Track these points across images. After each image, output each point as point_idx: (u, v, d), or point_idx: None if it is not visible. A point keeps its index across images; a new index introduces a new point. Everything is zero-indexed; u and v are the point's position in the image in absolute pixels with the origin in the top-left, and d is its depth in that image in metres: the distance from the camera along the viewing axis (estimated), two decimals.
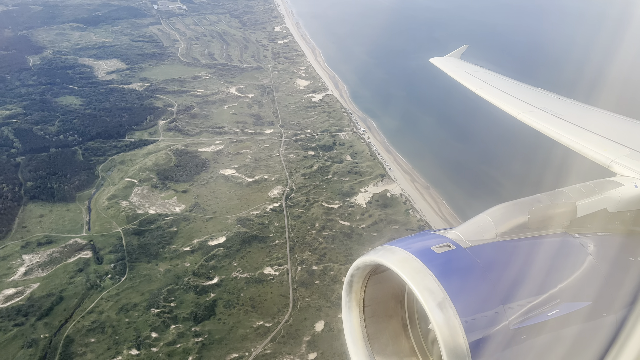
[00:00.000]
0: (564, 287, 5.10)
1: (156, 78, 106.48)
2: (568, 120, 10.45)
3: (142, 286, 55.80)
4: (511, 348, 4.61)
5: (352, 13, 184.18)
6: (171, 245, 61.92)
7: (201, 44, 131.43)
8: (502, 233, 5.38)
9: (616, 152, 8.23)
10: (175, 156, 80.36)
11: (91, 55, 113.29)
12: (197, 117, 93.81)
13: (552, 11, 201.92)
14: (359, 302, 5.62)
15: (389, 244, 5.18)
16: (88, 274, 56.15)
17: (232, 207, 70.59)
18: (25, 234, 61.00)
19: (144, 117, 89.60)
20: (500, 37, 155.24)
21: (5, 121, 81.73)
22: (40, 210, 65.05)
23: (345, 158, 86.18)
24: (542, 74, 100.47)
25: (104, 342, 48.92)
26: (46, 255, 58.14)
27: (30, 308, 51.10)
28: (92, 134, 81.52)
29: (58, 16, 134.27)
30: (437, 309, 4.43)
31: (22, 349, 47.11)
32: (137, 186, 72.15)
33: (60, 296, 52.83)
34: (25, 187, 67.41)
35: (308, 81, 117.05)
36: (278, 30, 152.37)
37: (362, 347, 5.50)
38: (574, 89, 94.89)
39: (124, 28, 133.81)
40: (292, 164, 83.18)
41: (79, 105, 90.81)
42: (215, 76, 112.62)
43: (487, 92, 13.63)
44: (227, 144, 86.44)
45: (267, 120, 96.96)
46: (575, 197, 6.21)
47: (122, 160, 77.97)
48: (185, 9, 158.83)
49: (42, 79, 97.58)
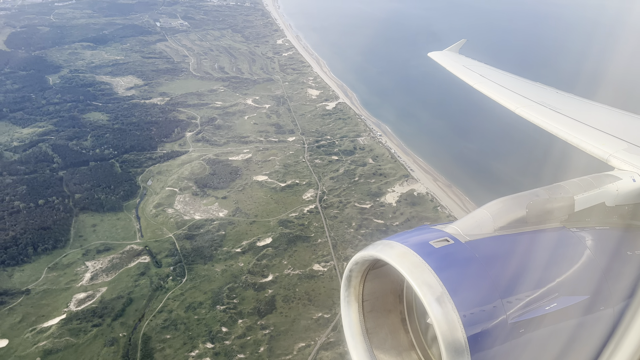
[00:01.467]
0: (562, 281, 5.12)
1: (174, 92, 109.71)
2: (566, 115, 10.43)
3: (203, 286, 58.95)
4: (509, 342, 4.63)
5: (348, 24, 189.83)
6: (223, 248, 65.16)
7: (210, 58, 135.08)
8: (501, 227, 5.40)
9: (614, 146, 8.18)
10: (209, 165, 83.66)
11: (107, 73, 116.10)
12: (221, 128, 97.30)
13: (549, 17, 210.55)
14: (358, 296, 5.60)
15: (387, 239, 5.20)
16: (150, 277, 59.09)
17: (271, 211, 74.09)
18: (83, 243, 63.69)
19: (171, 129, 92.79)
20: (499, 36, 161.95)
21: (40, 138, 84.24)
22: (92, 220, 67.76)
23: (367, 161, 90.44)
24: (541, 71, 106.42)
25: (178, 337, 51.94)
26: (107, 262, 60.92)
27: (104, 310, 53.86)
28: (125, 147, 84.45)
29: (67, 36, 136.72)
30: (436, 303, 4.45)
31: (105, 347, 49.90)
32: (178, 194, 75.27)
33: (129, 298, 55.72)
34: (74, 200, 69.96)
35: (319, 90, 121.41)
36: (280, 43, 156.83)
37: (360, 341, 5.49)
38: (572, 83, 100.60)
39: (132, 45, 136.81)
40: (318, 168, 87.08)
41: (106, 121, 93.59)
42: (230, 89, 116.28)
43: (485, 86, 13.56)
44: (254, 152, 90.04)
45: (287, 128, 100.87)
46: (573, 191, 6.19)
47: (159, 170, 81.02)
48: (188, 25, 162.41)
49: (66, 97, 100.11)
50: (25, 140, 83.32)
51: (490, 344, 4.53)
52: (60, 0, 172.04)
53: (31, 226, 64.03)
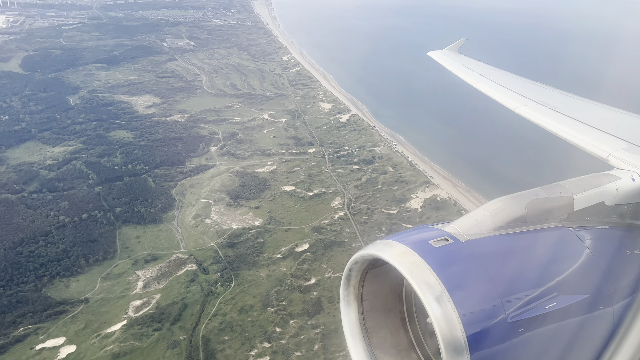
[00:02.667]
0: (561, 281, 5.13)
1: (193, 109, 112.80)
2: (565, 114, 10.42)
3: (251, 290, 61.56)
4: (509, 341, 4.65)
5: (348, 40, 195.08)
6: (264, 254, 67.91)
7: (221, 76, 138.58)
8: (500, 227, 5.43)
9: (613, 146, 8.17)
10: (237, 177, 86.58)
11: (124, 92, 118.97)
12: (243, 142, 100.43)
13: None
14: (357, 296, 5.61)
15: (386, 238, 5.19)
16: (200, 283, 61.60)
17: (304, 218, 77.06)
18: (131, 253, 66.07)
19: (197, 144, 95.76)
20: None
21: (72, 156, 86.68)
22: (135, 232, 70.19)
23: (387, 169, 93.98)
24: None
25: (236, 339, 54.44)
26: (156, 270, 63.34)
27: (161, 315, 56.22)
28: (156, 162, 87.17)
29: (80, 58, 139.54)
30: (435, 303, 4.48)
31: (168, 350, 52.23)
32: (213, 205, 78.00)
33: (184, 303, 58.14)
34: (115, 213, 72.39)
35: (330, 104, 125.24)
36: (286, 59, 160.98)
37: (360, 340, 5.51)
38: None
39: (144, 65, 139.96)
40: (341, 177, 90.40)
41: (131, 138, 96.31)
42: (245, 105, 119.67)
43: (485, 85, 13.58)
44: (278, 164, 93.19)
45: (306, 140, 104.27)
46: (572, 190, 6.21)
47: (191, 184, 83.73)
48: (194, 44, 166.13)
49: (89, 116, 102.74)
50: (58, 158, 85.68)
51: (489, 343, 4.55)
52: (66, 24, 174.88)
53: (79, 239, 66.30)
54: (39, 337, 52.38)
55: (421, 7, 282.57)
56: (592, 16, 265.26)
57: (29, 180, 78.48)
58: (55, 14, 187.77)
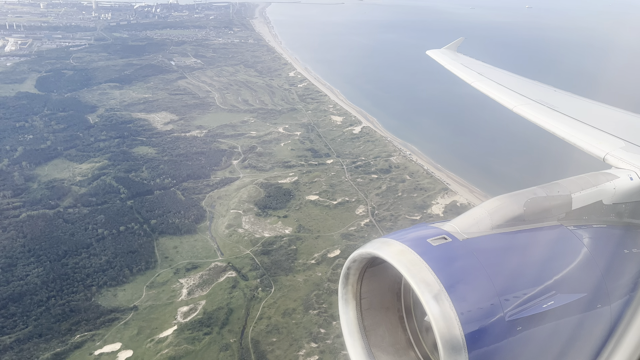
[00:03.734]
0: (559, 279, 5.14)
1: (210, 125, 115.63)
2: (564, 113, 10.41)
3: (291, 294, 63.82)
4: (507, 339, 4.67)
5: (350, 56, 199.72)
6: (298, 260, 70.29)
7: (232, 92, 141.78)
8: (498, 225, 5.43)
9: (612, 145, 8.18)
10: (262, 188, 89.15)
11: (141, 110, 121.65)
12: (263, 155, 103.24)
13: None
14: (356, 294, 5.61)
15: (385, 237, 5.21)
16: (242, 289, 63.79)
17: (331, 226, 79.65)
18: (171, 263, 68.19)
19: (219, 158, 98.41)
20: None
21: (101, 172, 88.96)
22: (172, 243, 72.36)
23: (405, 178, 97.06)
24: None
25: (284, 340, 56.59)
26: (198, 278, 65.48)
27: (209, 320, 58.29)
28: (182, 176, 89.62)
29: (92, 78, 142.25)
30: (433, 301, 4.49)
31: (221, 352, 54.26)
32: (243, 216, 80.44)
33: (229, 308, 60.28)
34: (150, 225, 74.60)
35: (341, 117, 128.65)
36: (293, 75, 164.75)
37: (358, 339, 5.51)
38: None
39: (156, 84, 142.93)
40: (362, 186, 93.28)
41: (155, 154, 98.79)
42: (259, 119, 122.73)
43: (483, 84, 13.54)
44: (299, 175, 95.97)
45: (323, 152, 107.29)
46: (570, 189, 6.23)
47: (218, 196, 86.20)
48: (201, 63, 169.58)
49: (111, 134, 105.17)
50: (87, 174, 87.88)
51: (487, 342, 4.58)
52: (74, 45, 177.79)
53: (120, 250, 68.37)
54: (96, 344, 54.22)
55: (416, 23, 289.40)
56: (587, 28, 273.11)
57: (62, 195, 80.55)
58: (61, 36, 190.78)
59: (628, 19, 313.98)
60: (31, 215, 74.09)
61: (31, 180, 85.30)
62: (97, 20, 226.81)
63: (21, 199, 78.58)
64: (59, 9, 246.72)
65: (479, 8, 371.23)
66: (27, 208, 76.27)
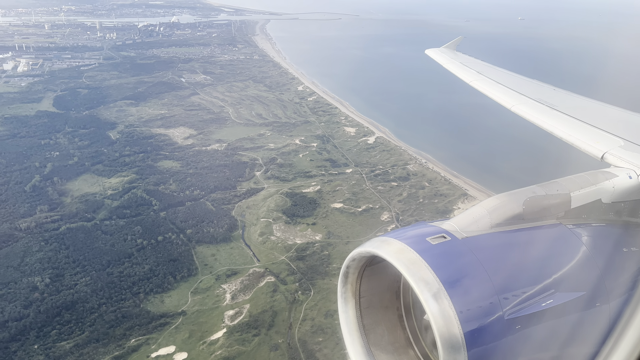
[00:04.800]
0: (558, 278, 5.15)
1: (228, 139, 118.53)
2: (563, 112, 10.40)
3: (330, 296, 66.21)
4: (506, 338, 4.70)
5: (354, 69, 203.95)
6: (332, 265, 72.80)
7: (245, 107, 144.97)
8: (497, 224, 5.46)
9: (610, 143, 8.18)
10: (288, 198, 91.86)
11: (159, 126, 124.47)
12: (283, 166, 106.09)
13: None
14: (355, 293, 5.68)
15: (384, 236, 5.24)
16: (282, 293, 66.19)
17: (359, 232, 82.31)
18: (211, 270, 70.51)
19: (242, 170, 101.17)
20: None
21: (130, 185, 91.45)
22: (209, 251, 74.72)
23: (424, 185, 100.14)
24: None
25: (329, 339, 58.92)
26: (239, 283, 67.82)
27: (256, 322, 60.60)
28: (210, 187, 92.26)
29: (107, 96, 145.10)
30: (432, 300, 4.51)
31: (271, 352, 56.55)
32: (273, 224, 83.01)
33: (273, 311, 62.63)
34: (186, 234, 77.01)
35: (354, 128, 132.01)
36: (301, 89, 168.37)
37: (357, 337, 5.55)
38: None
39: (170, 100, 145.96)
40: (383, 193, 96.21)
41: (180, 167, 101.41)
42: (275, 132, 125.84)
43: (482, 84, 13.50)
44: (321, 184, 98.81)
45: (341, 162, 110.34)
46: (569, 188, 6.26)
47: (247, 205, 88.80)
48: (211, 79, 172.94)
49: (134, 149, 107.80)
50: (118, 188, 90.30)
51: (486, 340, 4.60)
52: (84, 65, 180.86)
53: (161, 259, 70.67)
54: (151, 347, 56.35)
55: (413, 35, 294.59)
56: (580, 37, 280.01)
57: (97, 209, 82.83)
58: (70, 56, 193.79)
59: (619, 29, 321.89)
60: (70, 227, 76.34)
61: (64, 195, 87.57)
62: (103, 39, 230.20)
63: (58, 213, 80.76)
64: (64, 29, 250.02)
65: (473, 20, 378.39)
66: (65, 221, 78.45)
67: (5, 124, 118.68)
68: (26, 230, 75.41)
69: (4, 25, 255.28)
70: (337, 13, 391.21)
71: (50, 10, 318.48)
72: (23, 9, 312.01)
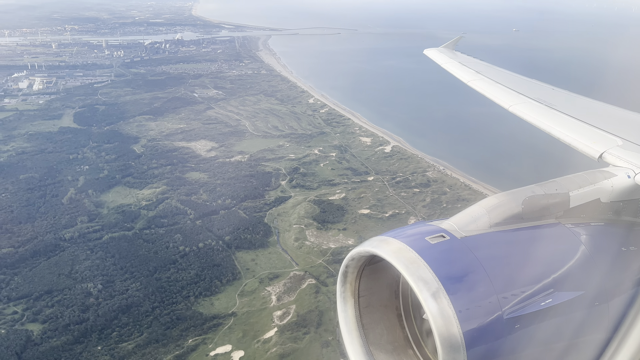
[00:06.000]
0: (557, 277, 5.19)
1: (249, 150, 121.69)
2: (561, 111, 10.37)
3: None
4: (505, 337, 4.73)
5: (359, 81, 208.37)
6: None
7: (260, 120, 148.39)
8: (496, 223, 5.49)
9: (609, 143, 8.13)
10: (316, 205, 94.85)
11: (181, 139, 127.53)
12: (307, 175, 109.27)
13: None
14: (354, 292, 5.68)
15: (383, 235, 5.29)
16: (325, 294, 68.90)
17: None
18: (253, 273, 73.20)
19: (268, 180, 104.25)
20: None
21: (163, 196, 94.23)
22: (249, 256, 77.41)
23: (445, 190, 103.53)
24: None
25: None
26: (282, 286, 70.50)
27: (304, 321, 63.25)
28: (240, 197, 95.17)
29: (125, 112, 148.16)
30: (431, 299, 4.53)
31: (323, 348, 59.17)
32: (306, 230, 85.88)
33: (319, 310, 65.33)
34: (224, 241, 79.74)
35: (369, 138, 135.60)
36: (312, 102, 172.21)
37: (356, 337, 5.56)
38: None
39: (187, 115, 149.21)
40: (407, 199, 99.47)
41: (207, 178, 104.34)
42: (293, 143, 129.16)
43: (480, 83, 13.49)
44: (346, 192, 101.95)
45: (362, 170, 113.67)
46: (568, 187, 6.27)
47: (278, 213, 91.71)
48: (223, 94, 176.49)
49: (160, 162, 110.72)
50: (151, 199, 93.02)
51: (486, 339, 4.64)
52: (97, 82, 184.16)
53: (205, 264, 73.32)
54: (208, 346, 58.83)
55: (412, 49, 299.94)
56: (577, 48, 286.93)
57: (134, 219, 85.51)
58: (82, 74, 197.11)
59: (612, 39, 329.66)
60: (113, 237, 78.94)
61: (100, 206, 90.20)
62: (111, 57, 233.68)
63: (98, 223, 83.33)
64: (71, 48, 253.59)
65: (470, 33, 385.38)
66: (106, 231, 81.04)
67: (31, 140, 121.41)
68: (70, 240, 77.90)
69: (12, 45, 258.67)
70: (336, 28, 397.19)
71: (54, 29, 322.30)
72: (27, 29, 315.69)
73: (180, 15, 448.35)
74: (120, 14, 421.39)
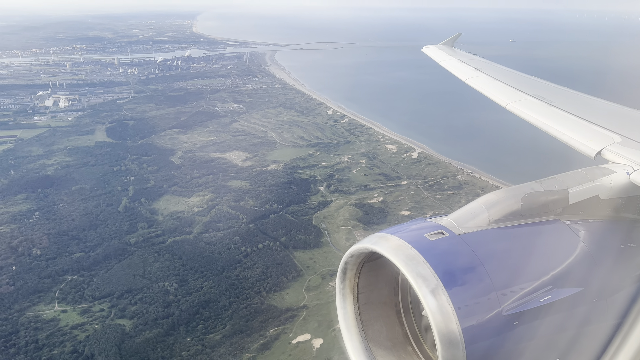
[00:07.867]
0: (556, 274, 5.19)
1: (282, 159, 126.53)
2: (560, 108, 10.28)
3: None
4: (504, 334, 4.75)
5: (373, 93, 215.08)
6: None
7: (285, 130, 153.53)
8: (495, 220, 5.49)
9: (608, 139, 8.12)
10: (358, 208, 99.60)
11: (215, 150, 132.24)
12: (342, 181, 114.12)
13: None
14: (353, 289, 5.72)
15: (382, 232, 5.33)
16: None
17: None
18: (314, 270, 77.61)
19: (308, 186, 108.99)
20: None
21: (213, 202, 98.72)
22: (306, 255, 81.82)
23: (478, 192, 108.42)
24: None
25: None
26: None
27: None
28: (285, 202, 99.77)
29: (155, 126, 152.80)
30: (430, 296, 4.54)
31: None
32: (354, 231, 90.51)
33: None
34: (280, 242, 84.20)
35: (394, 145, 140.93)
36: (331, 113, 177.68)
37: (356, 333, 5.58)
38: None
39: (214, 127, 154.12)
40: (443, 201, 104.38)
41: (249, 186, 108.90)
42: (322, 152, 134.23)
43: (478, 81, 13.39)
44: (383, 195, 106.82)
45: (393, 175, 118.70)
46: (567, 184, 6.26)
47: (324, 216, 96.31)
48: (243, 107, 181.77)
49: (201, 172, 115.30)
50: (202, 206, 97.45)
51: (484, 336, 4.65)
52: (119, 99, 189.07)
53: (269, 263, 77.69)
54: (289, 335, 63.07)
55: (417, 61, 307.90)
56: (575, 57, 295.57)
57: (191, 224, 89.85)
58: (103, 91, 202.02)
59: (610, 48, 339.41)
60: (176, 240, 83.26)
61: (155, 214, 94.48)
62: (126, 75, 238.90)
63: (158, 229, 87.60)
64: (85, 67, 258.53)
65: (469, 44, 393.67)
66: (167, 235, 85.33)
67: (71, 154, 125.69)
68: (135, 244, 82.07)
69: (26, 65, 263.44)
70: (338, 42, 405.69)
71: (63, 49, 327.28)
72: (36, 49, 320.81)
73: (182, 33, 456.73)
74: (123, 33, 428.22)
